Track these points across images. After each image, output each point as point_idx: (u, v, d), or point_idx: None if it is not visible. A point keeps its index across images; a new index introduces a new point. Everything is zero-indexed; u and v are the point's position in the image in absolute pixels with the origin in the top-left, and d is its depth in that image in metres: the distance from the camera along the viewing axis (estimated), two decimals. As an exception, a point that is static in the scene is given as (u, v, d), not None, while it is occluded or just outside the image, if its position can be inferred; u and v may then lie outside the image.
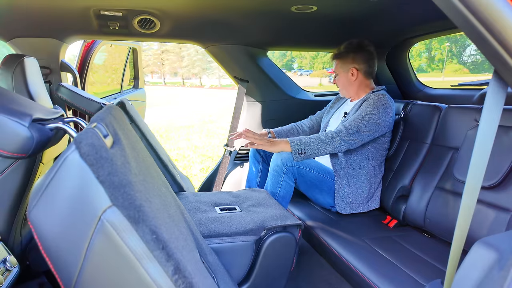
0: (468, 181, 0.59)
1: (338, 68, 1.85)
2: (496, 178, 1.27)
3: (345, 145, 1.63)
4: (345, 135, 1.62)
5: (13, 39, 1.88)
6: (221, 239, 1.20)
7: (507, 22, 0.48)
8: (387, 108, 1.67)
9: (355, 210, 1.74)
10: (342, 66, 1.83)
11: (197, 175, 4.30)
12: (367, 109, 1.67)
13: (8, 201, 0.95)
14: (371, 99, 1.70)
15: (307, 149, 1.62)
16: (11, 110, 0.81)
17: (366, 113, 1.66)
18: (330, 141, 1.62)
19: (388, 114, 1.68)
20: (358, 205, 1.74)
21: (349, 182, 1.73)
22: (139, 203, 0.58)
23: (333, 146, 1.62)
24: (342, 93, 1.91)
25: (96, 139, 0.60)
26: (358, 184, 1.74)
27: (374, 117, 1.65)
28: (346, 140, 1.63)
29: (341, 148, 1.64)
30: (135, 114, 1.56)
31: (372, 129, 1.65)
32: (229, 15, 1.72)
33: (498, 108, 0.56)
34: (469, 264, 0.60)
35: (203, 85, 31.59)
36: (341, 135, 1.63)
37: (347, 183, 1.73)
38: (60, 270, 0.57)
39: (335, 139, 1.62)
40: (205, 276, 0.75)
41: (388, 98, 1.71)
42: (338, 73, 1.86)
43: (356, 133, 1.63)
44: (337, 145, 1.62)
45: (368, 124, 1.64)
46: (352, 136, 1.63)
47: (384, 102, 1.68)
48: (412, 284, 1.16)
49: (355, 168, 1.73)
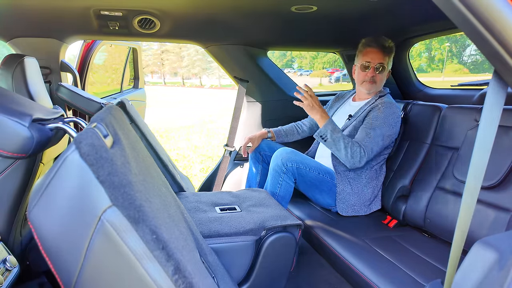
0: (468, 181, 0.59)
1: (386, 62, 1.75)
2: (496, 178, 1.27)
3: (361, 163, 1.62)
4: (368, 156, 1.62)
5: (13, 39, 1.88)
6: (221, 239, 1.20)
7: (507, 22, 0.48)
8: (396, 117, 1.69)
9: (357, 213, 1.73)
10: (389, 62, 1.78)
11: (197, 175, 4.30)
12: (377, 121, 1.65)
13: (8, 201, 0.95)
14: (380, 110, 1.68)
15: (329, 141, 1.61)
16: (11, 110, 0.81)
17: (379, 128, 1.64)
18: (351, 154, 1.59)
19: (397, 122, 1.70)
20: (360, 207, 1.73)
21: (351, 185, 1.72)
22: (139, 203, 0.58)
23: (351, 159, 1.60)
24: (371, 87, 1.78)
25: (96, 139, 0.60)
26: (360, 187, 1.73)
27: (386, 130, 1.66)
28: (364, 160, 1.61)
29: (354, 164, 1.62)
30: (135, 114, 1.56)
31: (386, 142, 1.68)
32: (229, 15, 1.72)
33: (498, 108, 0.56)
34: (469, 264, 0.60)
35: (203, 85, 31.59)
36: (365, 156, 1.61)
37: (349, 185, 1.72)
38: (60, 270, 0.57)
39: (356, 155, 1.59)
40: (205, 276, 0.75)
41: (396, 106, 1.72)
42: (385, 67, 1.75)
43: (375, 152, 1.65)
44: (355, 160, 1.60)
45: (383, 140, 1.66)
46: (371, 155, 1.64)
47: (393, 111, 1.69)
48: (412, 284, 1.16)
49: (356, 170, 1.73)
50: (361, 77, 1.80)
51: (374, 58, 1.74)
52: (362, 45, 1.80)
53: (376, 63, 1.74)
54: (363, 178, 1.73)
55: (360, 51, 1.80)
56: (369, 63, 1.75)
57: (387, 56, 1.75)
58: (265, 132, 1.99)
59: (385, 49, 1.74)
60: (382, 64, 1.74)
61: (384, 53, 1.74)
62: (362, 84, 1.80)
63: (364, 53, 1.77)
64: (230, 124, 2.34)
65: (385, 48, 1.74)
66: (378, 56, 1.74)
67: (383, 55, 1.74)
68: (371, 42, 1.75)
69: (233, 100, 2.37)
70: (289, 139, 2.08)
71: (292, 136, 2.09)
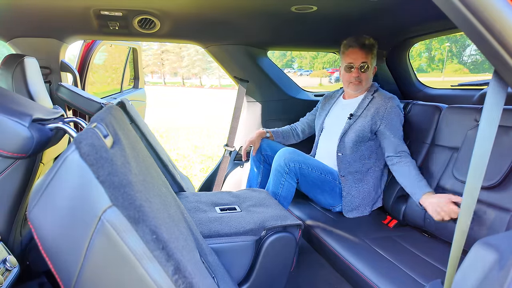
0: (468, 181, 0.59)
1: (369, 60, 1.75)
2: (496, 178, 1.26)
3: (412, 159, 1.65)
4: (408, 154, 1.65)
5: (13, 39, 1.88)
6: (221, 239, 1.20)
7: (507, 22, 0.48)
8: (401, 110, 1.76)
9: (362, 214, 1.74)
10: (373, 59, 1.77)
11: (197, 175, 4.30)
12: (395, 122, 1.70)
13: (8, 201, 0.95)
14: (388, 108, 1.70)
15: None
16: (11, 110, 0.81)
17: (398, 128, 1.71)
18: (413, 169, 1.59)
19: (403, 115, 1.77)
20: (364, 208, 1.74)
21: (357, 187, 1.73)
22: (139, 203, 0.58)
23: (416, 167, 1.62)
24: (357, 88, 1.79)
25: (96, 139, 0.60)
26: (366, 188, 1.73)
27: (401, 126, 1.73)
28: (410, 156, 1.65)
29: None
30: (135, 114, 1.56)
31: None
32: (229, 15, 1.72)
33: (498, 108, 0.56)
34: (469, 264, 0.60)
35: (203, 85, 31.60)
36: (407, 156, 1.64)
37: (355, 187, 1.72)
38: (60, 270, 0.57)
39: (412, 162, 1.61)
40: (205, 276, 0.75)
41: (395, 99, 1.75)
42: (369, 66, 1.76)
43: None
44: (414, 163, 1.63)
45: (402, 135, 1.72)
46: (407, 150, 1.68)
47: (398, 103, 1.75)
48: (412, 284, 1.16)
49: (363, 172, 1.73)
50: (346, 78, 1.81)
51: (357, 58, 1.74)
52: (343, 46, 1.80)
53: (359, 63, 1.75)
54: (370, 179, 1.74)
55: (343, 52, 1.81)
56: (352, 63, 1.76)
57: (369, 54, 1.75)
58: (263, 131, 1.99)
59: (366, 47, 1.74)
60: (365, 63, 1.74)
61: (365, 52, 1.74)
62: (349, 85, 1.81)
63: (346, 54, 1.78)
64: (230, 124, 2.34)
65: (365, 46, 1.73)
66: (360, 55, 1.74)
67: (365, 54, 1.74)
68: (351, 42, 1.76)
69: (233, 100, 2.37)
70: (286, 142, 2.08)
71: (288, 139, 2.08)
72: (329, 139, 1.84)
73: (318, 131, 1.96)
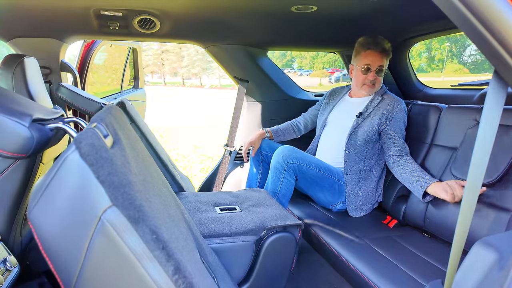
0: (469, 181, 0.59)
1: (385, 64, 1.77)
2: (494, 176, 1.27)
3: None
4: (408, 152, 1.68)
5: (13, 39, 1.88)
6: (221, 239, 1.20)
7: (507, 22, 0.48)
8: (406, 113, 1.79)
9: (365, 212, 1.75)
10: (387, 64, 1.79)
11: (197, 175, 4.29)
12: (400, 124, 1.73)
13: (8, 201, 0.95)
14: (396, 111, 1.72)
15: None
16: (11, 110, 0.81)
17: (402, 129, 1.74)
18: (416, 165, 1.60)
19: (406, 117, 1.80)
20: (367, 206, 1.75)
21: (360, 185, 1.74)
22: (139, 203, 0.58)
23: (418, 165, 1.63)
24: (371, 90, 1.80)
25: (96, 139, 0.60)
26: (369, 186, 1.75)
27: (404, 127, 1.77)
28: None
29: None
30: (135, 114, 1.56)
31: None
32: (229, 15, 1.72)
33: (498, 108, 0.56)
34: (469, 264, 0.60)
35: (203, 85, 31.60)
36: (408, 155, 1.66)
37: (358, 186, 1.74)
38: (60, 270, 0.57)
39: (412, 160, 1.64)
40: (205, 276, 0.75)
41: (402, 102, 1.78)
42: (384, 69, 1.77)
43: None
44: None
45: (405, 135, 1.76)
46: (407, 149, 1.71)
47: (404, 107, 1.78)
48: (412, 284, 1.16)
49: (366, 170, 1.75)
50: (361, 80, 1.80)
51: (375, 61, 1.74)
52: (361, 46, 1.77)
53: (376, 66, 1.75)
54: (373, 177, 1.76)
55: (359, 53, 1.78)
56: (369, 66, 1.75)
57: (385, 58, 1.76)
58: (263, 132, 1.99)
59: (385, 52, 1.75)
60: (382, 67, 1.76)
61: (384, 56, 1.75)
62: (362, 86, 1.80)
63: (364, 56, 1.76)
64: (230, 124, 2.34)
65: (385, 51, 1.75)
66: (379, 58, 1.74)
67: (383, 58, 1.75)
68: (370, 44, 1.74)
69: (233, 100, 2.37)
70: (286, 138, 2.10)
71: (289, 135, 2.10)
72: (332, 136, 1.85)
73: (320, 127, 1.95)
